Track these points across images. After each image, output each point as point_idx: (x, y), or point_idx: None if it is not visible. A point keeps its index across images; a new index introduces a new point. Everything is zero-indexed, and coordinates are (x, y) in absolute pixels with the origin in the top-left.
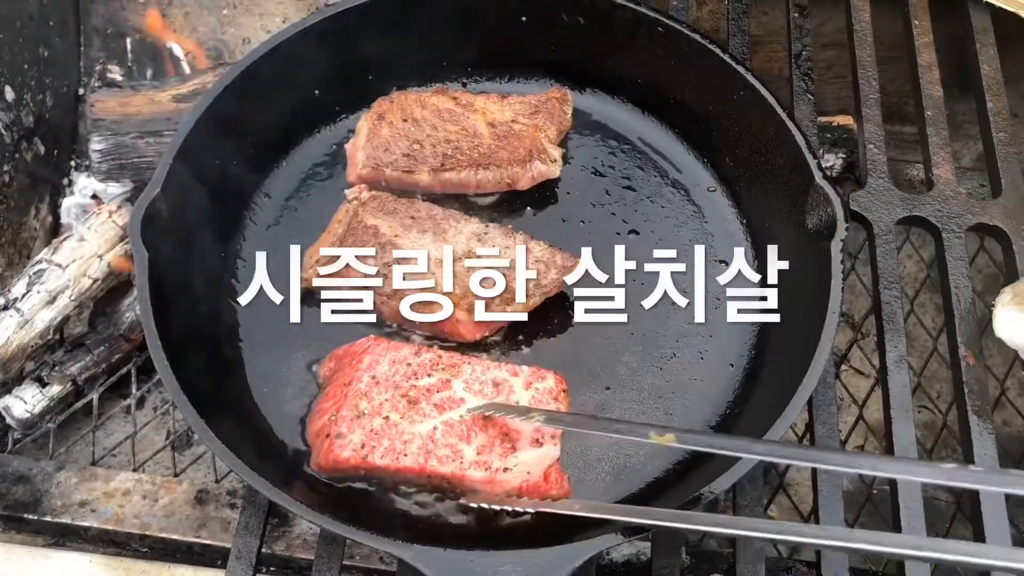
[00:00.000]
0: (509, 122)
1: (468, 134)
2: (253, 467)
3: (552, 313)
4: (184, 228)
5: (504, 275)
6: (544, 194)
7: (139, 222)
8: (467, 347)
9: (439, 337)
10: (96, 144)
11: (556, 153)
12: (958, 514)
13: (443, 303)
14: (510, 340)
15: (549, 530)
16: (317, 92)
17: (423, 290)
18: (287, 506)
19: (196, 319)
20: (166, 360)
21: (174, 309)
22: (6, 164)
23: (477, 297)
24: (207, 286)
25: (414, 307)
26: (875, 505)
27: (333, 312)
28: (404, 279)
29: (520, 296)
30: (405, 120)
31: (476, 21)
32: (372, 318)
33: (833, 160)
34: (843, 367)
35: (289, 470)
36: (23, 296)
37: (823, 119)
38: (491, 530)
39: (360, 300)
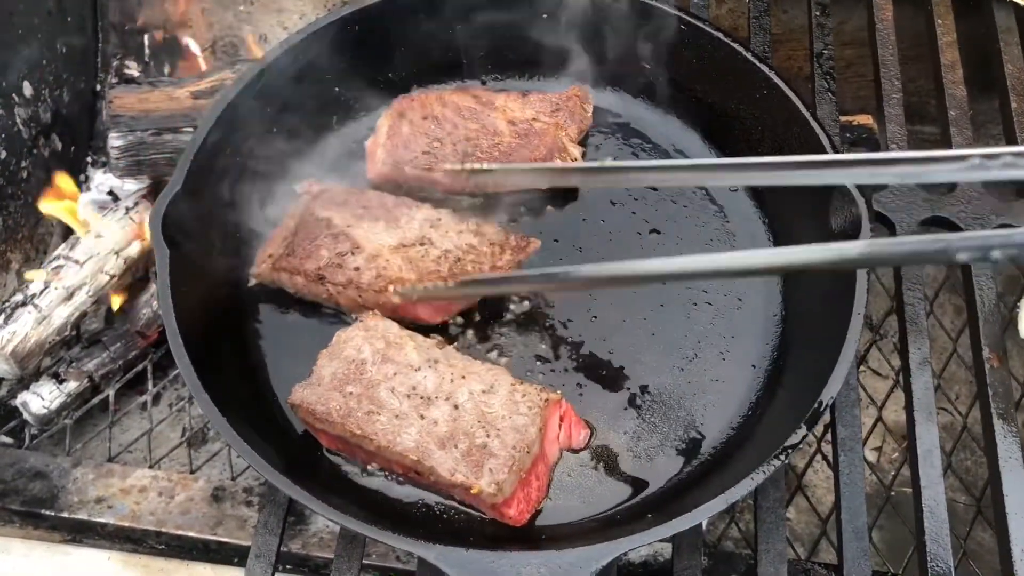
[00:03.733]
0: (530, 120)
1: (488, 132)
2: (275, 466)
3: (571, 311)
4: (204, 225)
5: (458, 258)
6: (565, 193)
7: (160, 219)
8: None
9: (399, 320)
10: (115, 140)
11: (576, 152)
12: (979, 517)
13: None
14: (526, 339)
15: (573, 531)
16: (337, 89)
17: (378, 277)
18: (311, 505)
19: (216, 316)
20: (187, 358)
21: (194, 306)
22: (24, 160)
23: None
24: (227, 284)
25: (370, 295)
26: (894, 507)
27: (297, 307)
28: (357, 269)
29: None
30: (425, 118)
31: (496, 19)
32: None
33: None
34: (861, 368)
35: (309, 468)
36: (41, 292)
37: (843, 118)
38: (514, 530)
39: (319, 293)
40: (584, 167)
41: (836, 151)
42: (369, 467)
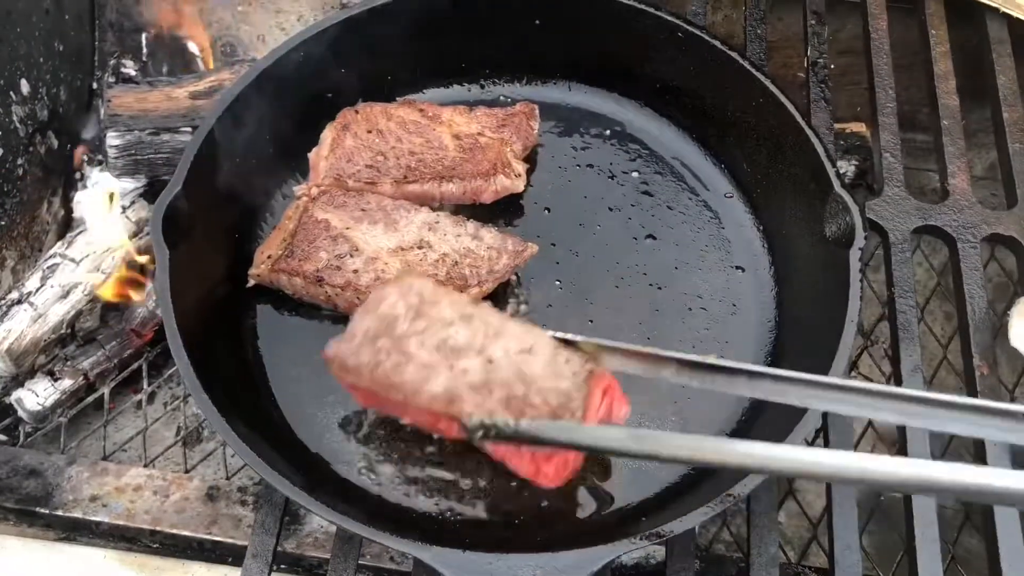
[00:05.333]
0: (475, 135)
1: (433, 146)
2: (272, 465)
3: (568, 316)
4: (203, 225)
5: (456, 262)
6: (561, 198)
7: (160, 219)
8: None
9: None
10: (113, 140)
11: (520, 168)
12: (967, 522)
13: None
14: None
15: (569, 534)
16: (330, 96)
17: (376, 279)
18: (311, 507)
19: (214, 316)
20: (187, 358)
21: (192, 306)
22: (20, 157)
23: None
24: (225, 284)
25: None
26: (884, 512)
27: (295, 308)
28: (355, 271)
29: (472, 282)
30: (370, 131)
31: (493, 24)
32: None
33: (846, 167)
34: (852, 374)
35: (307, 468)
36: (37, 290)
37: (837, 126)
38: (510, 533)
39: (317, 294)
40: (682, 359)
41: (832, 160)
42: (407, 424)
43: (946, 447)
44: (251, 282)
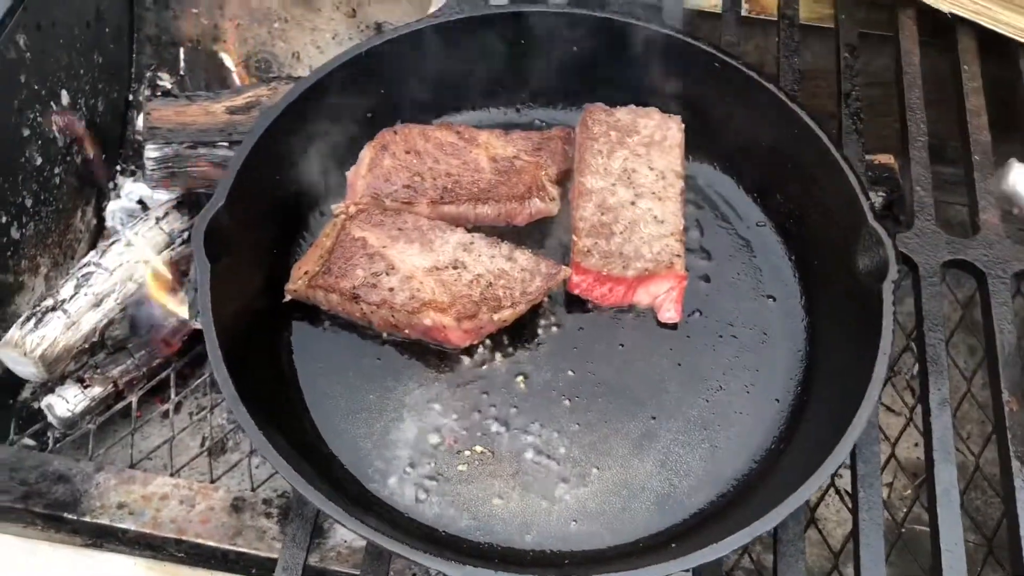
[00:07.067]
0: (511, 158)
1: (469, 168)
2: (308, 480)
3: (599, 339)
4: (243, 241)
5: (490, 283)
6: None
7: (203, 233)
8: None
9: (428, 343)
10: (152, 152)
11: (555, 191)
12: (990, 556)
13: (431, 311)
14: (553, 366)
15: (597, 558)
16: (369, 116)
17: (412, 298)
18: (343, 522)
19: (251, 331)
20: (226, 371)
21: (230, 320)
22: (58, 167)
23: (464, 304)
24: (262, 298)
25: (403, 315)
26: (906, 543)
27: (329, 324)
28: (391, 289)
29: (506, 303)
30: (408, 152)
31: (532, 51)
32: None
33: (873, 198)
34: None
35: (338, 482)
36: (71, 298)
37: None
38: (538, 555)
39: (353, 311)
40: None
41: (865, 193)
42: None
43: (969, 480)
44: (288, 297)
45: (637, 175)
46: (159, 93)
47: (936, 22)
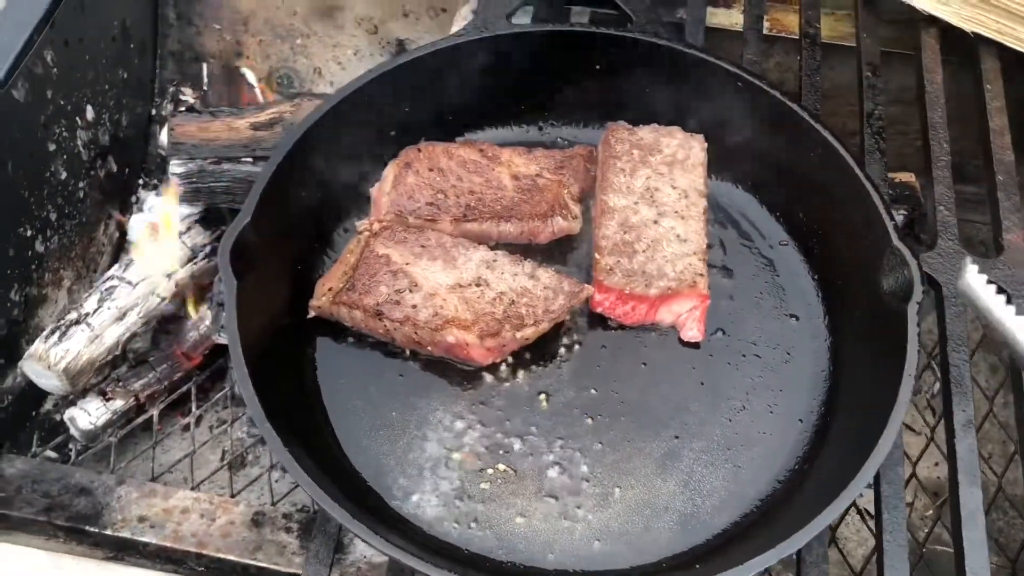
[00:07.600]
0: (534, 176)
1: (492, 186)
2: (333, 497)
3: (621, 357)
4: (268, 257)
5: (513, 301)
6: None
7: (229, 250)
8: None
9: (450, 360)
10: (176, 168)
11: (577, 209)
12: None
13: (454, 328)
14: (576, 384)
15: None
16: (393, 134)
17: (435, 315)
18: (368, 540)
19: (275, 346)
20: (252, 387)
21: (255, 336)
22: (82, 181)
23: (487, 322)
24: (286, 315)
25: (426, 333)
26: (927, 563)
27: (353, 340)
28: (414, 306)
29: (528, 321)
30: (431, 170)
31: (556, 71)
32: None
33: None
34: None
35: (361, 499)
36: (94, 311)
37: None
38: (564, 574)
39: (376, 328)
40: None
41: (889, 213)
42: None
43: (991, 501)
44: (312, 313)
45: (660, 194)
46: (182, 108)
47: (958, 41)
